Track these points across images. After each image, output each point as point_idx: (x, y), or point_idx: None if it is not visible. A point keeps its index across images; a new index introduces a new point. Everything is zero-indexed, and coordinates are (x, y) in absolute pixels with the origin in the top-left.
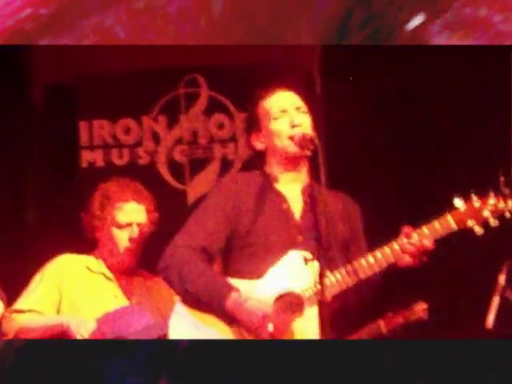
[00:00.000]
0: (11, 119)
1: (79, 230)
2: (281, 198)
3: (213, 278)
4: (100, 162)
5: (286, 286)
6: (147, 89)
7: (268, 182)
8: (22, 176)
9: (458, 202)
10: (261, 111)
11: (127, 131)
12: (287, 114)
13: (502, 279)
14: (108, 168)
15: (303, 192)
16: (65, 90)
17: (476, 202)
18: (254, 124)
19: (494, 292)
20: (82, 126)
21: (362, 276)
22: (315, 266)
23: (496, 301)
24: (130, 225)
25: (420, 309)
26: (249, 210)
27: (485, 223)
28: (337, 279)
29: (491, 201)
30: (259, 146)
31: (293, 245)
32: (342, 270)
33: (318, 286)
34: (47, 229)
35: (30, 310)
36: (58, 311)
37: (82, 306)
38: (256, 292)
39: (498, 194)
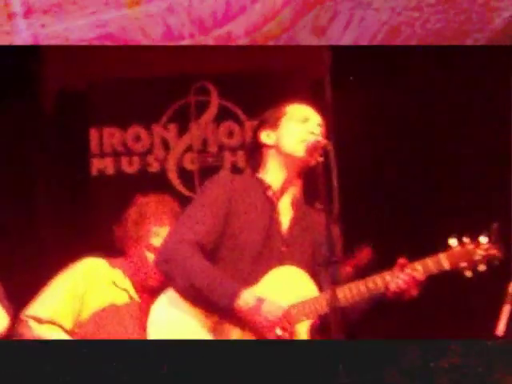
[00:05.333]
0: (22, 126)
1: (90, 237)
2: (272, 206)
3: (220, 275)
4: (110, 170)
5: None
6: (157, 97)
7: (262, 188)
8: (32, 183)
9: (453, 243)
10: (282, 111)
11: (137, 139)
12: (309, 122)
13: None
14: (118, 176)
15: (292, 204)
16: (75, 97)
17: (469, 244)
18: (271, 120)
19: (505, 301)
20: (93, 133)
21: (350, 302)
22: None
23: (507, 309)
24: None
25: (365, 253)
26: (239, 212)
27: (475, 267)
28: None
29: (484, 246)
30: (267, 140)
31: (277, 255)
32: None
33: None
34: (58, 237)
35: (48, 321)
36: (76, 322)
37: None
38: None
39: (490, 240)
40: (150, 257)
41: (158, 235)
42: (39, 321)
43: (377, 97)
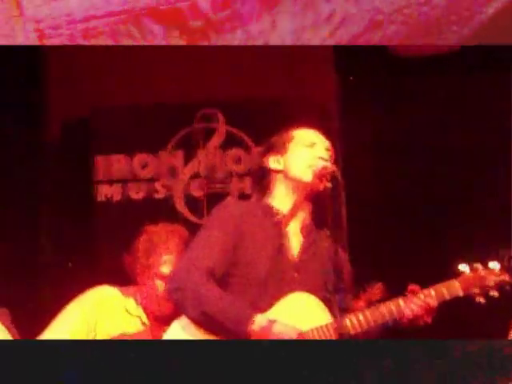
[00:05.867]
0: (27, 153)
1: (97, 264)
2: (281, 231)
3: (232, 301)
4: (117, 197)
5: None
6: (164, 123)
7: (271, 214)
8: (37, 210)
9: (465, 269)
10: (289, 136)
11: (144, 165)
12: (317, 147)
13: None
14: (125, 202)
15: (302, 229)
16: (81, 124)
17: (481, 271)
18: (278, 145)
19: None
20: (100, 160)
21: (364, 328)
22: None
23: None
24: None
25: (377, 288)
26: (248, 238)
27: (487, 293)
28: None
29: (495, 271)
30: (274, 165)
31: (288, 281)
32: (345, 320)
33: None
34: (63, 265)
35: None
36: None
37: None
38: None
39: (502, 266)
40: (160, 285)
41: (169, 263)
42: None
43: (385, 120)
